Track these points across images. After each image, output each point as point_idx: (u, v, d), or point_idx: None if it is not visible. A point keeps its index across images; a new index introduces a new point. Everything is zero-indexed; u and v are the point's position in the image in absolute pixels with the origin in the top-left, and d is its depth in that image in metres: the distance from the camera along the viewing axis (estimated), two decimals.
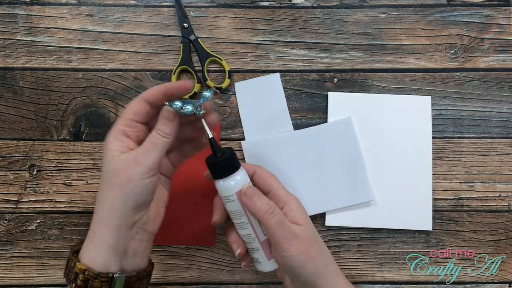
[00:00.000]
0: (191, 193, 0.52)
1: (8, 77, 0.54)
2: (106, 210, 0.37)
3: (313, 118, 0.54)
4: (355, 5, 0.56)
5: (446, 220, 0.53)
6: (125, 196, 0.37)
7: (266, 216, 0.39)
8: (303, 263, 0.39)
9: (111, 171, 0.37)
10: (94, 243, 0.38)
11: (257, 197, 0.40)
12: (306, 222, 0.42)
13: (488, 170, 0.53)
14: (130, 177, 0.36)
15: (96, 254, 0.38)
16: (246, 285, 0.53)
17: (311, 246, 0.40)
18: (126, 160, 0.37)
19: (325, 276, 0.41)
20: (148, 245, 0.41)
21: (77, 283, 0.37)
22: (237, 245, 0.43)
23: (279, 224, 0.39)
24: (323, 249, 0.42)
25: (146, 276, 0.41)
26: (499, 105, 0.54)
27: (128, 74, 0.55)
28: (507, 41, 0.55)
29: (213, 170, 0.41)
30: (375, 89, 0.54)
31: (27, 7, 0.55)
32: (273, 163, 0.52)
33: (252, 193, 0.40)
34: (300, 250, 0.39)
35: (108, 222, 0.37)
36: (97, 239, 0.38)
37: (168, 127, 0.38)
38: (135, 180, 0.36)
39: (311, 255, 0.40)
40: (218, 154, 0.40)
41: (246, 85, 0.54)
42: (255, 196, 0.40)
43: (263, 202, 0.40)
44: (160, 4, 0.56)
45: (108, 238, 0.37)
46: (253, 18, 0.55)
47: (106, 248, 0.37)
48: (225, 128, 0.54)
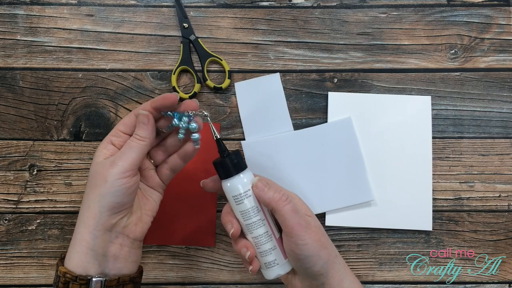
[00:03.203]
0: (191, 193, 0.52)
1: (8, 77, 0.54)
2: (85, 211, 0.39)
3: (313, 118, 0.54)
4: (355, 5, 0.56)
5: (446, 220, 0.53)
6: (100, 195, 0.38)
7: (280, 203, 0.39)
8: (318, 251, 0.40)
9: (92, 174, 0.39)
10: (75, 245, 0.39)
11: (268, 187, 0.40)
12: (312, 212, 0.43)
13: (488, 170, 0.53)
14: (105, 177, 0.38)
15: (76, 256, 0.38)
16: (246, 285, 0.53)
17: (323, 235, 0.41)
18: (105, 163, 0.39)
19: (336, 266, 0.41)
20: (132, 251, 0.41)
21: (59, 286, 0.38)
22: (246, 248, 0.42)
23: (294, 211, 0.40)
24: (331, 241, 0.43)
25: (129, 281, 0.40)
26: (499, 105, 0.54)
27: (128, 74, 0.55)
28: (507, 41, 0.55)
29: (223, 169, 0.41)
30: (375, 89, 0.54)
31: (27, 7, 0.55)
32: (273, 163, 0.52)
33: (263, 184, 0.40)
34: (315, 238, 0.40)
35: (86, 222, 0.39)
36: (77, 240, 0.39)
37: (144, 131, 0.40)
38: (110, 180, 0.38)
39: (324, 244, 0.41)
40: (226, 153, 0.41)
41: (246, 85, 0.54)
42: (267, 186, 0.40)
43: (276, 189, 0.40)
44: (160, 4, 0.56)
45: (87, 238, 0.38)
46: (253, 18, 0.55)
47: (85, 249, 0.38)
48: (225, 128, 0.54)
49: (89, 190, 0.39)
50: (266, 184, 0.41)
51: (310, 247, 0.39)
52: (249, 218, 0.41)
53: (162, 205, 0.52)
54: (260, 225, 0.41)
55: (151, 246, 0.52)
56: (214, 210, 0.52)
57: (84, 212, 0.39)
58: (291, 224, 0.39)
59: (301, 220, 0.40)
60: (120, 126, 0.41)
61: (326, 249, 0.41)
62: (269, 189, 0.40)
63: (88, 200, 0.39)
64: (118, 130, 0.41)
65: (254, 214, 0.41)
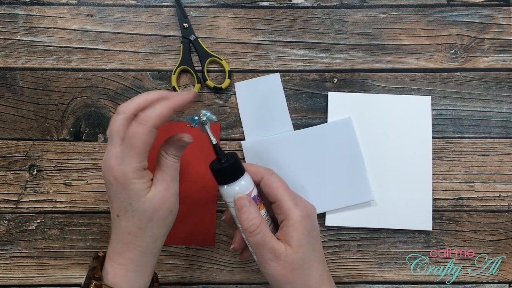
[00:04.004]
0: (191, 194, 0.52)
1: (8, 77, 0.54)
2: (153, 243, 0.39)
3: (313, 118, 0.54)
4: (355, 5, 0.56)
5: (446, 220, 0.53)
6: (168, 226, 0.40)
7: (246, 233, 0.39)
8: (279, 285, 0.38)
9: (149, 209, 0.38)
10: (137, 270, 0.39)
11: (245, 210, 0.39)
12: (299, 243, 0.38)
13: (488, 170, 0.53)
14: (171, 208, 0.39)
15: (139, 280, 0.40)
16: (246, 285, 0.53)
17: (292, 271, 0.38)
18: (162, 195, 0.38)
19: None
20: None
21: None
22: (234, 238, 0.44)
23: (258, 244, 0.38)
24: (308, 275, 0.39)
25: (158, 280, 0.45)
26: (499, 105, 0.54)
27: (128, 74, 0.55)
28: (507, 41, 0.55)
29: (218, 176, 0.40)
30: (375, 89, 0.54)
31: (27, 7, 0.55)
32: (273, 163, 0.52)
33: (241, 204, 0.39)
34: (278, 272, 0.38)
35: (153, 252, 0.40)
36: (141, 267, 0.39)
37: (181, 152, 0.41)
38: (175, 209, 0.40)
39: (289, 279, 0.38)
40: (223, 160, 0.40)
41: (246, 85, 0.54)
42: (244, 208, 0.39)
43: (248, 217, 0.39)
44: (160, 4, 0.56)
45: (152, 263, 0.40)
46: (253, 18, 0.55)
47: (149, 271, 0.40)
48: (225, 128, 0.54)
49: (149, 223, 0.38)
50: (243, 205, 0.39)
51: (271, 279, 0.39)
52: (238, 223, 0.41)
53: None
54: None
55: None
56: (214, 210, 0.52)
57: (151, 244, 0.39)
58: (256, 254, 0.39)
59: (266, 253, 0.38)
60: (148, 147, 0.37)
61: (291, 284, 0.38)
62: (244, 212, 0.39)
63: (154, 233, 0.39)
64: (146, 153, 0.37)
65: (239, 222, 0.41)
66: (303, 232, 0.39)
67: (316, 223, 0.41)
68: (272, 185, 0.40)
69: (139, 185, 0.37)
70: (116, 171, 0.36)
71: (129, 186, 0.36)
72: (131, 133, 0.36)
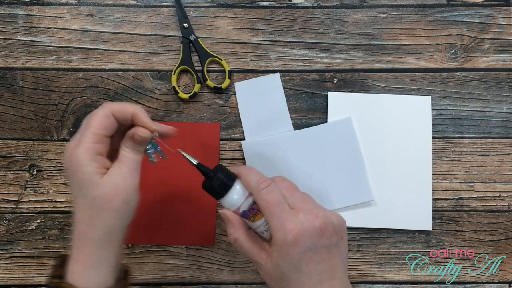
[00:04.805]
0: (191, 194, 0.52)
1: (8, 77, 0.54)
2: (106, 235, 0.37)
3: (313, 118, 0.54)
4: (355, 5, 0.56)
5: (446, 220, 0.53)
6: (123, 219, 0.37)
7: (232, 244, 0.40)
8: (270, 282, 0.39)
9: (100, 197, 0.36)
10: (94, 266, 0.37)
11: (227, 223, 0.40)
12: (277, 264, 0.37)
13: (488, 170, 0.53)
14: (127, 200, 0.37)
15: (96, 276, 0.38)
16: (246, 285, 0.53)
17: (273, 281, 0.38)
18: (115, 184, 0.36)
19: None
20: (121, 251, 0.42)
21: None
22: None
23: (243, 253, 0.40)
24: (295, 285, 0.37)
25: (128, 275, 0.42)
26: (499, 105, 0.54)
27: (128, 74, 0.55)
28: (507, 41, 0.55)
29: (213, 194, 0.40)
30: (375, 89, 0.54)
31: (27, 7, 0.55)
32: (273, 163, 0.52)
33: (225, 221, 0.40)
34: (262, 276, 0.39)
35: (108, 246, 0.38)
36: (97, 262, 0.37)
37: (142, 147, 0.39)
38: (132, 202, 0.37)
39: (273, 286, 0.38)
40: (210, 176, 0.39)
41: (246, 85, 0.54)
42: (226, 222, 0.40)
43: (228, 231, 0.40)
44: (160, 4, 0.56)
45: (110, 259, 0.38)
46: (253, 18, 0.55)
47: (107, 268, 0.38)
48: (225, 128, 0.54)
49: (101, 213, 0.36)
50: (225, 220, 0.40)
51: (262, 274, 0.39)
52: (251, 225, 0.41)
53: (162, 205, 0.52)
54: None
55: (151, 246, 0.52)
56: (214, 210, 0.52)
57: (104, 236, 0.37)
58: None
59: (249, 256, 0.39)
60: (102, 130, 0.37)
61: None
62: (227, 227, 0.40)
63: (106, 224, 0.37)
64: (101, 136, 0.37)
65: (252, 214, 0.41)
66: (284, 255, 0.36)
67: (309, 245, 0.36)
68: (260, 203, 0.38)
69: (90, 169, 0.36)
70: (69, 151, 0.37)
71: (80, 168, 0.36)
72: (91, 115, 0.37)
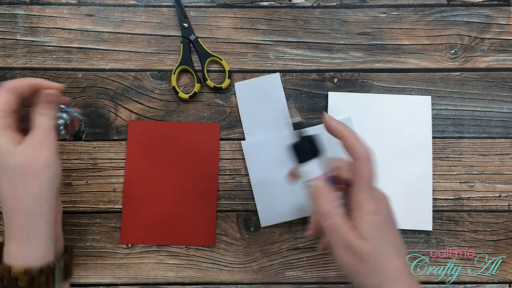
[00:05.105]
0: (191, 194, 0.52)
1: (8, 77, 0.54)
2: (35, 202, 0.37)
3: (313, 118, 0.54)
4: (355, 5, 0.56)
5: (446, 220, 0.53)
6: (48, 182, 0.38)
7: (321, 218, 0.38)
8: (351, 274, 0.37)
9: (19, 165, 0.37)
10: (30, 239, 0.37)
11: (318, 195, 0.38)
12: (370, 236, 0.36)
13: (488, 170, 0.53)
14: (47, 162, 0.38)
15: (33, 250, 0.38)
16: (246, 285, 0.52)
17: (363, 262, 0.36)
18: (32, 148, 0.38)
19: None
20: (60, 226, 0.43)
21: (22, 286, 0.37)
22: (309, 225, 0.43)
23: (330, 229, 0.37)
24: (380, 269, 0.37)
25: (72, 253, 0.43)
26: (499, 105, 0.54)
27: (128, 74, 0.54)
28: (507, 41, 0.55)
29: (298, 153, 0.40)
30: (375, 89, 0.54)
31: (27, 7, 0.55)
32: (273, 163, 0.52)
33: (314, 190, 0.38)
34: (349, 262, 0.37)
35: (40, 213, 0.38)
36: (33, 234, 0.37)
37: (51, 109, 0.40)
38: (53, 163, 0.38)
39: (361, 269, 0.37)
40: (305, 137, 0.40)
41: (246, 85, 0.54)
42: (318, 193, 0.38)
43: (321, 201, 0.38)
44: (160, 4, 0.56)
45: (44, 228, 0.38)
46: (253, 18, 0.55)
47: (43, 240, 0.38)
48: (225, 128, 0.54)
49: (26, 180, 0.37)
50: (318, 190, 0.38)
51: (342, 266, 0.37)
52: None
53: (162, 205, 0.52)
54: None
55: (151, 246, 0.52)
56: (214, 210, 0.52)
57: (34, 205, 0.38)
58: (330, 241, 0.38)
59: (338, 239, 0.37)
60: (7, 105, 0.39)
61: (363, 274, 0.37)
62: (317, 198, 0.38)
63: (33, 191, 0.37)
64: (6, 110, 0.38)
65: None
66: (375, 226, 0.37)
67: (392, 216, 0.39)
68: (356, 168, 0.38)
69: (3, 140, 0.37)
70: None
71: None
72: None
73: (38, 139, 0.38)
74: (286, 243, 0.53)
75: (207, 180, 0.52)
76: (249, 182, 0.53)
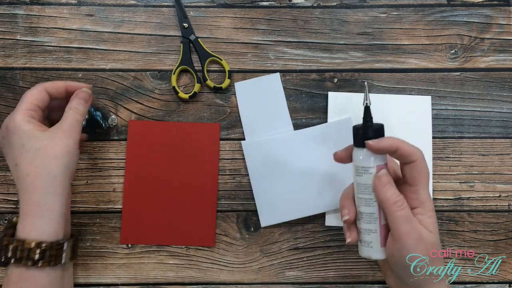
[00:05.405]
0: (191, 194, 0.52)
1: (8, 77, 0.54)
2: (49, 182, 0.41)
3: (313, 118, 0.54)
4: (355, 5, 0.56)
5: (446, 220, 0.53)
6: (65, 166, 0.42)
7: (393, 207, 0.38)
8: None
9: (43, 146, 0.41)
10: (44, 215, 0.41)
11: (389, 186, 0.39)
12: (435, 230, 0.40)
13: (488, 170, 0.53)
14: (67, 149, 0.42)
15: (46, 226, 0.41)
16: (246, 285, 0.52)
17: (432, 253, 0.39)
18: (56, 135, 0.42)
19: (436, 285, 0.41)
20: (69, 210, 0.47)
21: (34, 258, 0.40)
22: (348, 210, 0.42)
23: (406, 218, 0.38)
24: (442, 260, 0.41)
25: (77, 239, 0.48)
26: (499, 105, 0.54)
27: (128, 74, 0.54)
28: (507, 41, 0.55)
29: (362, 136, 0.40)
30: (375, 89, 0.54)
31: (27, 7, 0.55)
32: (273, 163, 0.52)
33: (386, 180, 0.39)
34: (421, 251, 0.38)
35: (54, 192, 0.41)
36: (47, 211, 0.41)
37: (84, 107, 0.45)
38: (72, 151, 0.42)
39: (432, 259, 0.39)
40: (370, 122, 0.41)
41: (246, 85, 0.54)
42: (388, 184, 0.39)
43: (394, 192, 0.39)
44: (160, 4, 0.56)
45: (57, 207, 0.41)
46: (253, 18, 0.55)
47: (56, 217, 0.42)
48: (225, 128, 0.54)
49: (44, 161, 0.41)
50: (388, 181, 0.39)
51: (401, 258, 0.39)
52: (361, 193, 0.41)
53: (162, 205, 0.52)
54: (368, 204, 0.41)
55: (151, 246, 0.52)
56: (214, 210, 0.52)
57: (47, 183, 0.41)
58: (400, 232, 0.38)
59: (412, 231, 0.38)
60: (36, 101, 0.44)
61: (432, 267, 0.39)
62: (389, 188, 0.39)
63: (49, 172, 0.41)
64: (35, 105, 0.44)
65: (368, 192, 0.41)
66: (435, 221, 0.41)
67: None
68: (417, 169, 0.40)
69: (28, 127, 0.42)
70: (7, 120, 0.43)
71: (20, 128, 0.42)
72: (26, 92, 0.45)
73: (64, 128, 0.43)
74: (286, 243, 0.53)
75: (207, 180, 0.52)
76: (249, 182, 0.53)
